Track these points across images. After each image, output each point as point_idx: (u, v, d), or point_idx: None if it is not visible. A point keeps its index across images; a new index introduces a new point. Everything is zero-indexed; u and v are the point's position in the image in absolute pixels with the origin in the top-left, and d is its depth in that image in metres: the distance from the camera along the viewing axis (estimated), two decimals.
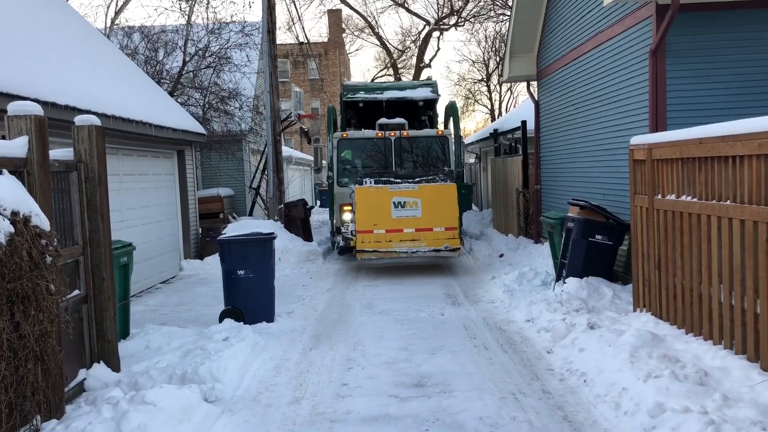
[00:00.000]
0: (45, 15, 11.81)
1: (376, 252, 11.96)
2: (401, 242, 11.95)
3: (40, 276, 4.61)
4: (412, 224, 11.96)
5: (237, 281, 8.42)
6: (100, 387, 5.73)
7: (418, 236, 11.97)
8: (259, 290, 8.47)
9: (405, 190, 12.05)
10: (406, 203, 12.00)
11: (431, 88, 16.29)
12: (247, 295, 8.42)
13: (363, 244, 11.97)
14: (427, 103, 16.25)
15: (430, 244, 11.99)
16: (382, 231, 11.98)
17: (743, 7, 8.32)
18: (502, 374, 6.25)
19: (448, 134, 14.72)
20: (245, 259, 8.41)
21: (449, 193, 12.14)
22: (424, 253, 12.10)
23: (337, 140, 14.45)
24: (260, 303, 8.49)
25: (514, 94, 43.43)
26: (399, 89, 16.22)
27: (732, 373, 5.12)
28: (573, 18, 12.01)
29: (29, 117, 5.09)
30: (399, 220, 11.97)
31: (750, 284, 5.19)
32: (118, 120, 10.06)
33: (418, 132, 14.76)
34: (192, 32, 20.11)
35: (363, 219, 12.01)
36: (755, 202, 5.06)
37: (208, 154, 20.45)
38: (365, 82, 17.53)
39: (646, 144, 7.14)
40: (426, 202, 12.02)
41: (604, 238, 9.07)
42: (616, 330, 6.56)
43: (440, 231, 11.99)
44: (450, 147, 14.50)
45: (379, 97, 15.77)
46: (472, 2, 33.00)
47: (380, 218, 11.98)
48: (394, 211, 11.99)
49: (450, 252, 12.08)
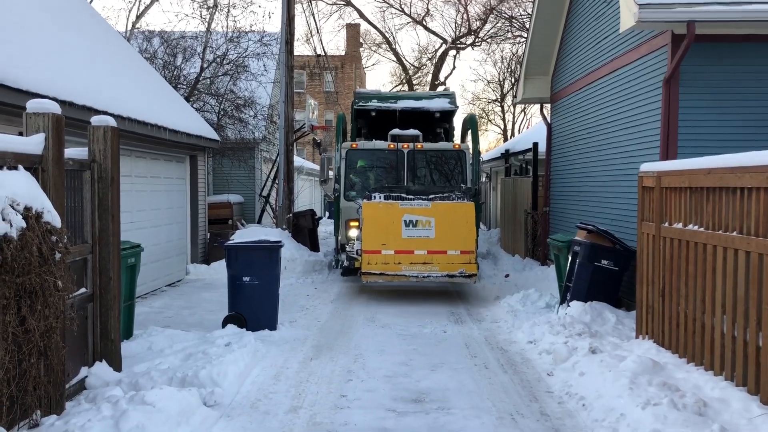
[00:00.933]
0: (68, 15, 12.00)
1: (383, 275, 10.93)
2: (411, 265, 10.89)
3: (48, 272, 4.67)
4: (424, 245, 10.92)
5: (242, 287, 8.46)
6: (101, 385, 5.77)
7: (430, 259, 10.90)
8: (263, 297, 8.51)
9: (417, 207, 11.08)
10: (418, 222, 10.98)
11: (449, 99, 15.09)
12: (251, 301, 8.46)
13: (369, 266, 10.92)
14: (444, 115, 15.11)
15: (443, 268, 10.91)
16: (390, 252, 10.93)
17: (757, 40, 8.35)
18: (501, 394, 6.25)
19: (466, 149, 13.58)
20: (251, 265, 8.46)
21: (466, 213, 11.16)
22: (437, 279, 11.01)
23: (346, 150, 13.38)
24: (264, 310, 8.52)
25: (528, 116, 43.54)
26: (414, 99, 15.06)
27: (731, 405, 5.11)
28: (589, 43, 12.08)
29: (47, 115, 5.18)
30: (410, 241, 10.93)
31: (753, 316, 5.18)
32: (134, 122, 10.18)
33: (433, 145, 13.65)
34: (211, 39, 20.34)
35: (370, 238, 11.00)
36: (762, 234, 5.07)
37: (221, 160, 20.61)
38: (378, 90, 16.16)
39: (655, 171, 7.16)
40: (440, 222, 11.02)
41: (610, 263, 9.06)
42: (618, 356, 6.55)
43: (455, 254, 10.92)
44: (467, 162, 13.39)
45: (392, 106, 14.62)
46: (490, 23, 33.24)
47: (389, 237, 10.94)
48: (405, 231, 10.97)
49: (465, 278, 11.00)
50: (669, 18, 7.94)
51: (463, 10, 33.95)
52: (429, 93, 16.79)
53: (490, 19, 32.92)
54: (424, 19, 35.65)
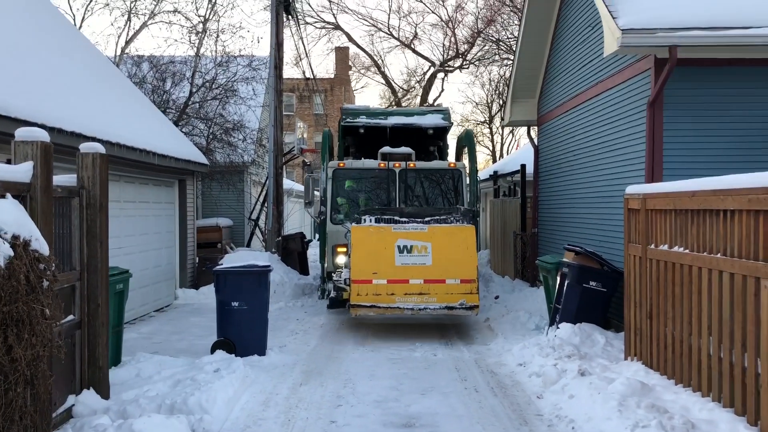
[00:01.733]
0: (56, 41, 12.05)
1: (374, 308, 9.79)
2: (406, 296, 9.79)
3: (36, 300, 4.65)
4: (420, 274, 9.85)
5: (231, 312, 8.44)
6: (89, 414, 5.73)
7: (427, 289, 9.83)
8: (253, 323, 8.48)
9: (413, 231, 10.10)
10: (413, 248, 9.97)
11: (443, 114, 14.08)
12: (240, 326, 8.43)
13: (359, 297, 9.78)
14: (438, 132, 14.02)
15: (441, 299, 9.81)
16: (383, 281, 9.83)
17: (740, 64, 8.51)
18: (491, 418, 6.25)
19: (462, 167, 12.61)
20: (239, 290, 8.44)
21: (466, 237, 10.14)
22: (434, 311, 9.90)
23: (333, 170, 12.39)
24: (253, 335, 8.49)
25: (516, 137, 43.84)
26: (406, 115, 14.11)
27: (719, 426, 5.14)
28: (574, 67, 12.24)
29: (35, 143, 5.20)
30: (404, 269, 9.88)
31: (738, 338, 5.23)
32: (123, 148, 10.19)
33: (427, 164, 12.65)
34: (200, 64, 20.46)
35: (360, 265, 9.91)
36: (745, 256, 5.14)
37: (210, 184, 20.61)
38: (367, 106, 15.34)
39: (641, 194, 7.24)
40: (438, 248, 10.01)
41: (598, 285, 9.11)
42: (607, 378, 6.57)
43: (454, 283, 9.86)
44: (464, 182, 12.49)
45: (382, 122, 13.59)
46: (477, 46, 33.59)
47: (381, 265, 9.88)
48: (399, 257, 9.93)
49: (466, 311, 9.88)
50: (651, 43, 8.09)
51: (451, 34, 34.33)
52: (421, 109, 15.92)
53: (478, 43, 33.29)
54: (413, 42, 35.97)
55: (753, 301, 5.00)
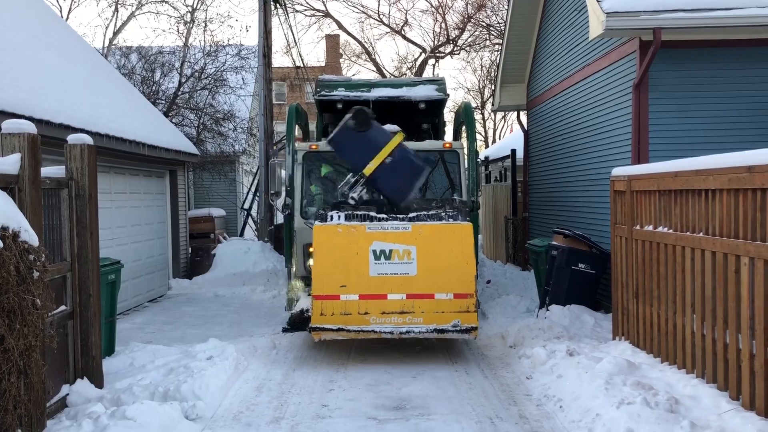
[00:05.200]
0: (43, 34, 12.01)
1: (343, 331, 7.54)
2: (384, 315, 7.55)
3: (26, 290, 4.70)
4: (402, 287, 7.61)
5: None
6: (83, 402, 5.79)
7: (410, 306, 7.57)
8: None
9: (392, 232, 7.85)
10: (392, 253, 7.74)
11: (437, 85, 11.34)
12: None
13: (323, 318, 7.53)
14: (431, 106, 11.35)
15: (429, 319, 7.53)
16: (353, 297, 7.58)
17: (724, 45, 8.57)
18: (481, 398, 6.35)
19: (459, 148, 10.01)
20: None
21: (461, 238, 7.77)
22: (420, 334, 7.57)
23: (303, 154, 9.81)
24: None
25: (509, 122, 43.89)
26: (393, 86, 11.57)
27: (702, 401, 5.24)
28: (562, 51, 12.28)
29: (22, 135, 5.23)
30: (382, 280, 7.64)
31: (720, 315, 5.33)
32: (112, 139, 10.20)
33: (417, 144, 9.92)
34: (189, 54, 20.40)
35: (324, 276, 7.65)
36: (725, 234, 5.23)
37: (201, 175, 20.63)
38: (348, 78, 12.70)
39: (626, 176, 7.32)
40: (424, 252, 7.72)
41: (587, 267, 9.21)
42: (594, 357, 6.67)
43: (446, 299, 7.56)
44: (462, 166, 9.97)
45: (365, 95, 11.10)
46: (468, 32, 33.56)
47: (351, 276, 7.63)
48: (375, 266, 7.69)
49: (461, 333, 7.55)
50: (635, 26, 8.14)
51: (441, 20, 34.32)
52: (412, 79, 12.88)
53: (468, 28, 33.28)
54: (403, 29, 35.92)
55: (734, 279, 5.10)
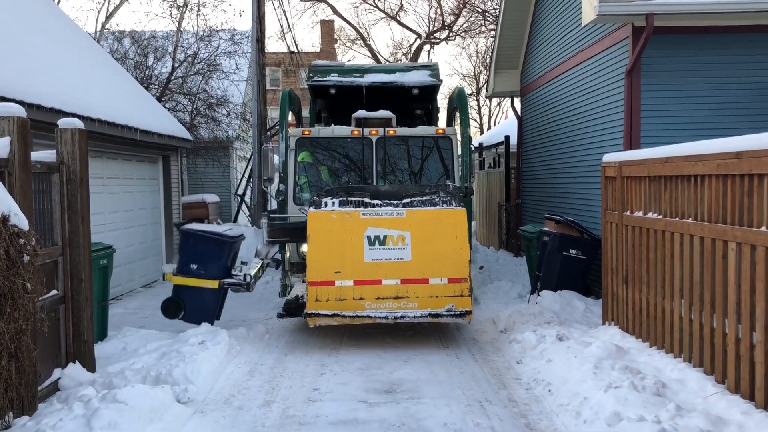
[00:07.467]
0: (35, 18, 11.92)
1: (338, 316, 7.71)
2: (378, 301, 7.74)
3: (17, 274, 4.71)
4: (397, 272, 7.77)
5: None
6: (74, 386, 5.82)
7: (405, 291, 7.76)
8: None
9: (386, 217, 8.01)
10: (387, 238, 7.89)
11: (430, 71, 11.66)
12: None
13: (318, 304, 7.69)
14: (425, 92, 11.63)
15: (424, 304, 7.73)
16: (348, 282, 7.76)
17: (716, 31, 8.58)
18: (471, 382, 6.40)
19: (453, 134, 10.28)
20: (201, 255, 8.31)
21: (456, 223, 7.94)
22: (415, 319, 7.78)
23: (296, 139, 10.10)
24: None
25: (504, 109, 43.81)
26: (386, 72, 11.87)
27: (688, 385, 5.31)
28: (555, 37, 12.26)
29: (12, 118, 5.21)
30: (376, 266, 7.79)
31: (707, 299, 5.38)
32: (104, 124, 10.16)
33: (410, 131, 10.31)
34: (182, 39, 20.28)
35: (319, 262, 7.79)
36: (713, 220, 5.26)
37: (195, 160, 20.58)
38: (341, 63, 12.98)
39: (617, 162, 7.35)
40: (419, 238, 7.88)
41: (578, 253, 9.26)
42: (584, 342, 6.73)
43: (440, 283, 7.75)
44: (455, 152, 10.27)
45: (358, 81, 11.44)
46: (463, 17, 33.44)
47: (346, 262, 7.80)
48: (369, 251, 7.85)
49: (455, 318, 7.76)
50: (628, 11, 8.14)
51: (437, 5, 34.23)
52: (405, 65, 13.19)
53: (463, 14, 33.16)
54: (398, 14, 35.81)
55: (721, 264, 5.14)
